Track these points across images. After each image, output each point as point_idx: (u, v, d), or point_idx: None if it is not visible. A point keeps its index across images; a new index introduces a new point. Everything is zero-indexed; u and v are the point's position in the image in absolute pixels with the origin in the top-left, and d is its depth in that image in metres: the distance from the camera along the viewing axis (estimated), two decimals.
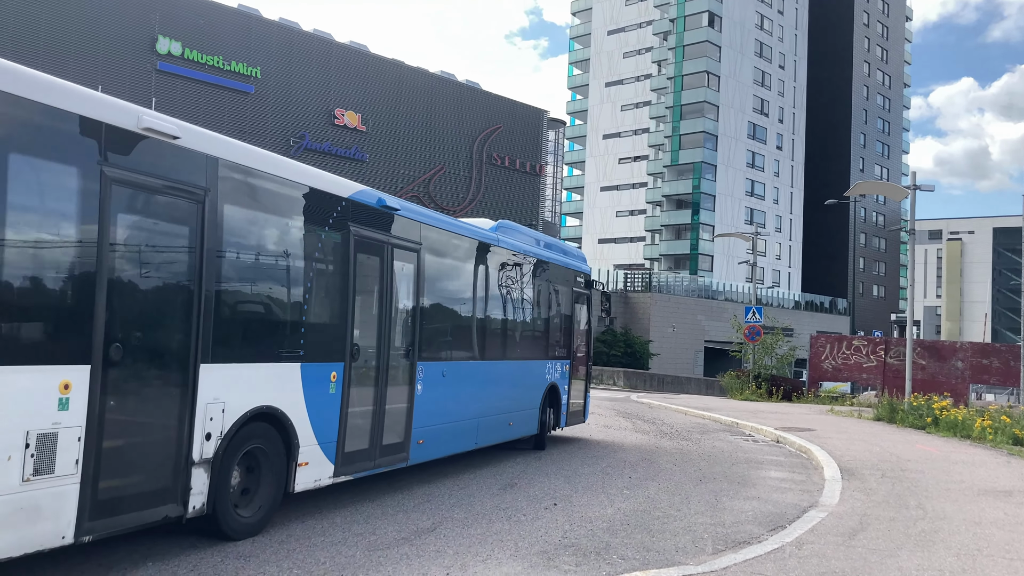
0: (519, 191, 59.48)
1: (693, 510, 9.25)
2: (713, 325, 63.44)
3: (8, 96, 4.92)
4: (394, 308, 8.89)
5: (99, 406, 5.36)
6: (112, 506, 5.54)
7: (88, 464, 5.30)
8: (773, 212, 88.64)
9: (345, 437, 7.97)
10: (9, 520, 4.84)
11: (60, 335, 5.22)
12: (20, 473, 4.89)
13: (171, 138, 6.10)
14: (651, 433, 17.25)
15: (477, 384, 11.08)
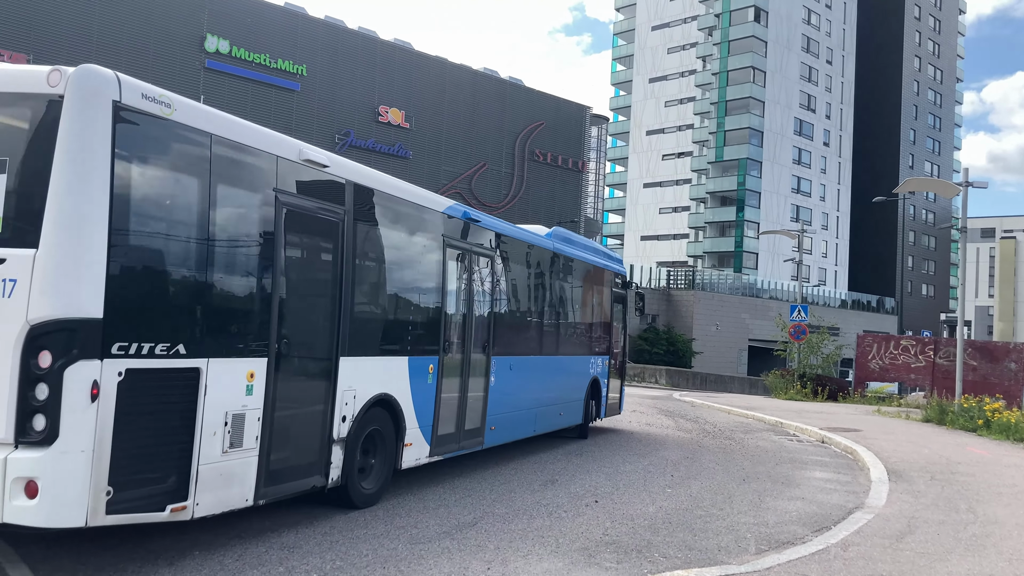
0: (561, 188, 59.38)
1: (736, 509, 9.16)
2: (757, 324, 62.74)
3: (208, 135, 5.91)
4: (474, 307, 9.98)
5: (272, 392, 6.39)
6: (279, 476, 6.60)
7: (264, 440, 6.34)
8: (820, 209, 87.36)
9: (438, 422, 9.06)
10: (213, 484, 5.84)
11: (249, 332, 6.29)
12: (221, 446, 5.92)
13: (322, 167, 7.18)
14: (694, 432, 17.12)
15: (536, 377, 12.12)
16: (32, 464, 4.82)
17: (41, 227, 4.95)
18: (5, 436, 4.89)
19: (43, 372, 4.89)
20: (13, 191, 5.10)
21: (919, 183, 22.91)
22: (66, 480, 4.89)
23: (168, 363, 5.50)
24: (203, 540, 6.54)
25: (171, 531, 6.71)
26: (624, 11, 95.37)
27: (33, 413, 4.89)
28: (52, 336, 4.90)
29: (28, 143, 5.19)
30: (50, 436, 4.86)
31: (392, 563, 6.31)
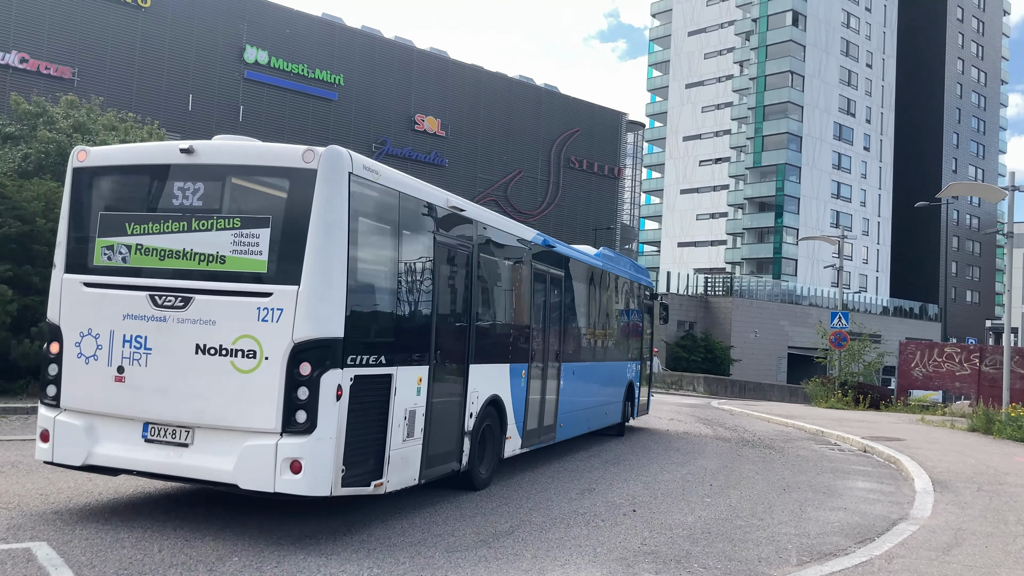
0: (597, 194, 59.26)
1: (776, 520, 9.03)
2: (797, 331, 61.98)
3: (397, 192, 7.60)
4: (550, 319, 11.58)
5: (431, 394, 7.92)
6: (433, 461, 8.07)
7: (425, 432, 7.86)
8: (860, 215, 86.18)
9: (527, 419, 10.66)
10: (397, 466, 7.37)
11: (419, 346, 7.86)
12: (402, 435, 7.44)
13: (460, 210, 8.77)
14: (732, 440, 16.94)
15: (591, 380, 13.84)
16: (297, 448, 6.42)
17: (301, 269, 6.54)
18: (274, 427, 6.48)
19: (304, 378, 6.47)
20: (277, 241, 6.69)
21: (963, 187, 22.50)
22: (321, 460, 6.47)
23: (376, 371, 7.07)
24: (241, 546, 6.59)
25: (209, 535, 6.77)
26: (660, 17, 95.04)
27: (296, 409, 6.47)
28: (311, 351, 6.49)
29: (287, 204, 6.79)
30: (310, 427, 6.44)
31: (429, 571, 6.31)
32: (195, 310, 6.78)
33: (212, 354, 6.69)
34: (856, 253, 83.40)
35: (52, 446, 7.12)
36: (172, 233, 6.93)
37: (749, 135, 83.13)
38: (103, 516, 7.27)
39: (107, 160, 7.46)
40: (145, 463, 6.84)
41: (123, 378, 6.89)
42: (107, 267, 7.11)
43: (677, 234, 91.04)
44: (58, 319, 7.20)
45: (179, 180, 7.01)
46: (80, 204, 7.36)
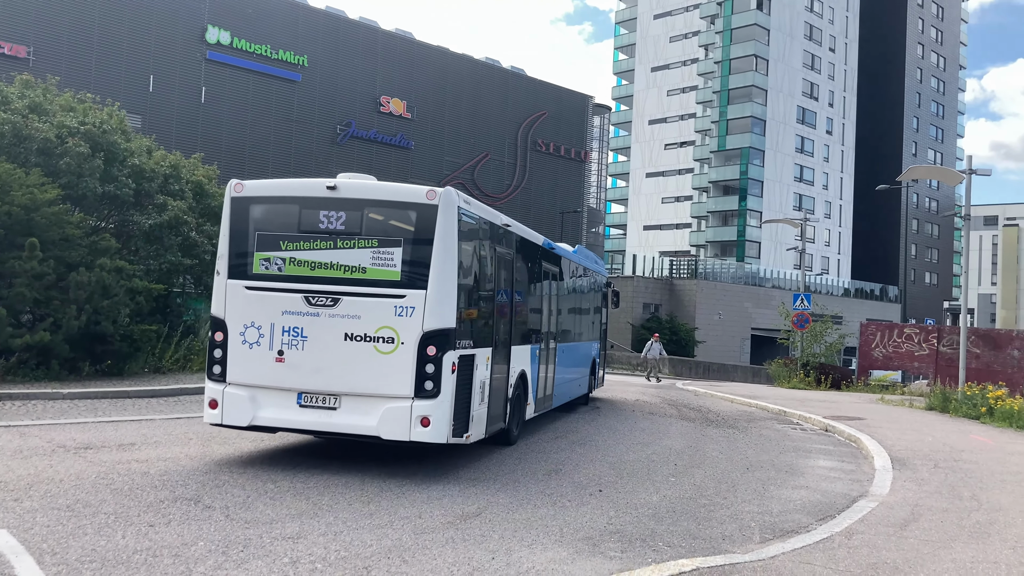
0: (564, 178, 59.27)
1: (740, 498, 9.16)
2: (760, 312, 62.69)
3: (480, 217, 10.03)
4: (549, 308, 13.85)
5: (492, 369, 10.27)
6: (491, 420, 10.36)
7: (489, 398, 10.19)
8: (822, 198, 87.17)
9: (537, 389, 12.94)
10: (475, 424, 9.66)
11: (486, 332, 10.14)
12: (478, 400, 9.75)
13: (507, 227, 11.19)
14: (697, 420, 17.12)
15: (573, 357, 16.11)
16: (426, 408, 8.82)
17: (427, 278, 8.93)
18: (409, 393, 8.85)
19: (431, 357, 8.82)
20: (408, 258, 9.05)
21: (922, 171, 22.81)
22: (442, 417, 8.87)
23: (469, 351, 9.42)
24: (208, 532, 6.56)
25: (175, 523, 6.73)
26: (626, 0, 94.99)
27: (425, 380, 8.83)
28: (436, 338, 8.86)
29: (415, 230, 9.11)
30: (435, 393, 8.83)
31: (396, 553, 6.31)
32: (343, 307, 9.07)
33: (358, 340, 9.01)
34: (818, 236, 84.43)
35: (221, 412, 9.34)
36: (320, 250, 9.21)
37: (714, 119, 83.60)
38: (64, 504, 7.19)
39: (261, 192, 9.67)
40: (301, 422, 9.18)
41: (283, 359, 9.18)
42: (265, 275, 9.35)
43: (643, 217, 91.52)
44: (223, 314, 9.40)
45: (325, 209, 9.24)
46: (238, 225, 9.50)
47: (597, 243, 63.50)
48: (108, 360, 16.15)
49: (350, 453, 10.35)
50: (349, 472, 9.20)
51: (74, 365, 15.57)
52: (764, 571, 6.32)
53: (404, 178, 49.47)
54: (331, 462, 9.69)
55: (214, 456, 9.63)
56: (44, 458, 8.97)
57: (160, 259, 18.61)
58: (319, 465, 9.47)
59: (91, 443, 9.98)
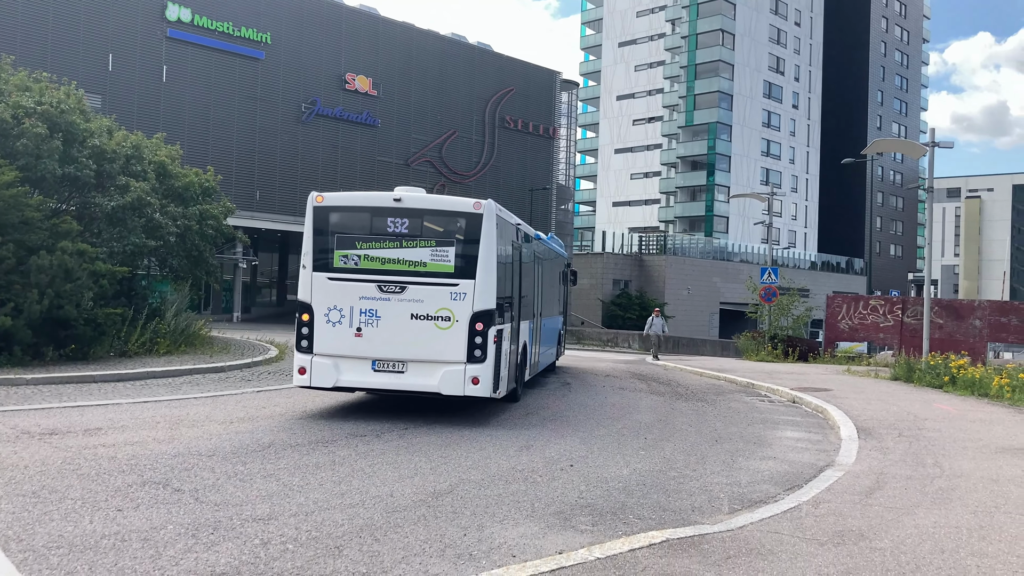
0: (532, 154, 59.12)
1: (709, 470, 9.28)
2: (729, 287, 63.23)
3: (505, 220, 12.73)
4: (535, 287, 16.18)
5: (510, 340, 12.91)
6: (509, 381, 12.99)
7: (509, 363, 12.84)
8: (789, 172, 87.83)
9: (531, 357, 15.78)
10: (502, 383, 12.29)
11: (510, 310, 12.91)
12: (505, 365, 12.42)
13: (518, 226, 14.27)
14: (666, 395, 17.27)
15: (550, 330, 19.07)
16: (476, 370, 11.49)
17: (476, 270, 11.61)
18: (462, 359, 11.48)
19: (479, 331, 11.51)
20: (459, 255, 11.71)
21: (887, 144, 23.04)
22: (488, 377, 11.56)
23: (502, 326, 12.17)
24: (177, 515, 6.52)
25: (144, 507, 6.67)
26: None
27: (475, 349, 11.50)
28: (483, 316, 11.54)
29: (464, 233, 11.81)
30: (483, 358, 11.51)
31: (368, 532, 6.32)
32: (409, 293, 11.64)
33: (422, 319, 11.60)
34: (785, 210, 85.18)
35: (310, 376, 11.75)
36: (389, 248, 11.80)
37: (681, 94, 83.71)
38: (30, 490, 7.11)
39: (338, 202, 12.28)
40: (375, 383, 11.76)
41: (361, 334, 11.70)
42: (344, 268, 11.84)
43: (612, 193, 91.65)
44: (309, 299, 11.80)
45: (391, 216, 11.85)
46: (320, 229, 12.05)
47: (567, 220, 63.54)
48: (72, 344, 15.93)
49: (324, 436, 10.34)
50: (320, 453, 9.19)
51: (37, 350, 15.34)
52: (733, 541, 6.41)
53: (371, 156, 49.10)
54: (302, 445, 9.68)
55: (182, 439, 9.56)
56: (8, 444, 8.85)
57: (123, 241, 18.34)
58: (291, 447, 9.44)
59: (56, 428, 9.86)
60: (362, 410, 12.63)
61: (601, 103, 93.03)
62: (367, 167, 49.35)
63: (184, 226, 20.15)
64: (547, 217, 58.84)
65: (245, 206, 40.10)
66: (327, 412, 12.26)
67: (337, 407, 12.80)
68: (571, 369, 22.47)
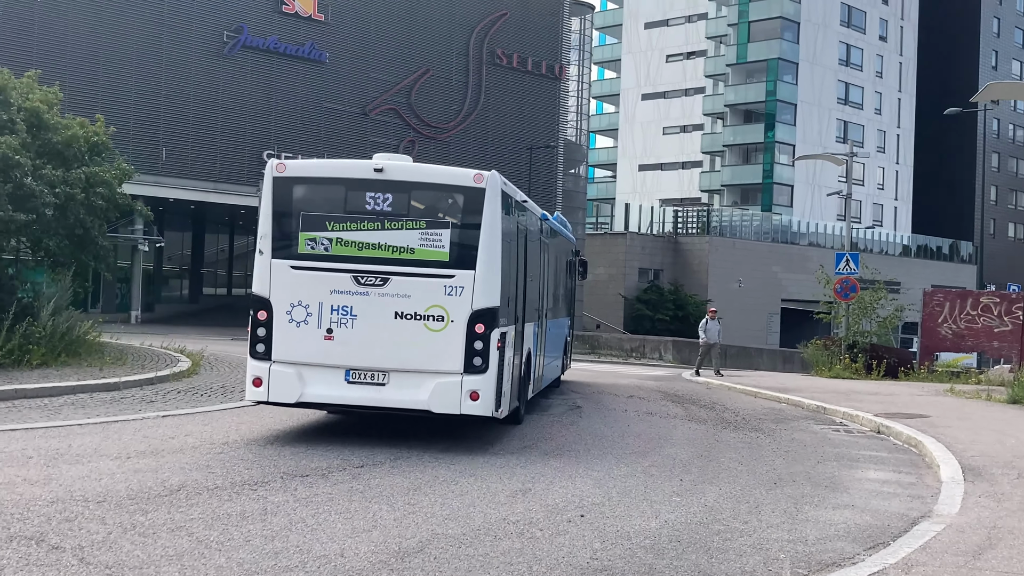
0: (532, 101, 59.10)
1: (765, 522, 9.30)
2: (792, 279, 63.41)
3: (512, 198, 13.73)
4: (541, 282, 17.23)
5: (513, 347, 13.64)
6: (511, 398, 13.50)
7: (511, 376, 13.50)
8: (874, 126, 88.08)
9: (535, 368, 16.60)
10: (505, 399, 12.88)
11: (514, 310, 13.71)
12: (508, 377, 12.99)
13: (524, 203, 15.12)
14: (709, 421, 17.31)
15: (555, 336, 20.00)
16: (476, 383, 12.05)
17: (476, 259, 12.18)
18: (459, 369, 12.06)
19: (480, 334, 12.02)
20: (456, 240, 12.30)
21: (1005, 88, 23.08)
22: (490, 391, 12.14)
23: (507, 329, 12.84)
24: None
25: (9, 573, 6.68)
26: None
27: (474, 356, 12.03)
28: (485, 315, 12.09)
29: (462, 213, 12.44)
30: (483, 368, 12.06)
31: None
32: (393, 287, 12.18)
33: (408, 319, 12.15)
34: (869, 176, 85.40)
35: (267, 389, 12.34)
36: (368, 230, 12.33)
37: (731, 20, 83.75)
38: None
39: (304, 172, 13.19)
40: (349, 398, 12.39)
41: (332, 337, 12.19)
42: (311, 255, 12.33)
43: (638, 154, 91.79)
44: (267, 293, 12.36)
45: (371, 191, 12.36)
46: (281, 205, 12.55)
47: (577, 189, 63.66)
48: None
49: (253, 476, 10.35)
50: (247, 499, 9.19)
51: None
52: None
53: (316, 103, 49.02)
54: (224, 488, 9.68)
55: (63, 480, 9.56)
56: None
57: None
58: (208, 490, 9.45)
59: None
60: (303, 440, 12.65)
61: (624, 32, 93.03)
62: (312, 117, 49.34)
63: (65, 195, 20.09)
64: (551, 185, 58.92)
65: (148, 169, 40.03)
66: (257, 443, 12.28)
67: (271, 436, 12.83)
68: (583, 387, 22.49)
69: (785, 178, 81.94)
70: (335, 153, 44.51)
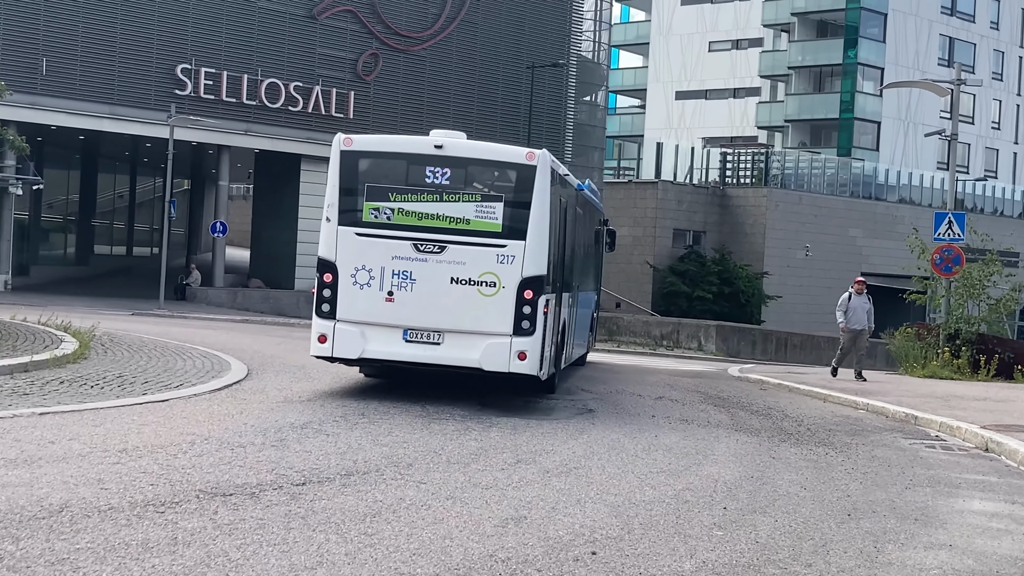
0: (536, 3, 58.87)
1: (835, 566, 9.32)
2: (876, 246, 63.42)
3: (559, 174, 19.22)
4: (573, 253, 22.01)
5: (555, 313, 18.95)
6: (551, 363, 18.75)
7: (555, 340, 19.13)
8: (989, 45, 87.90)
9: (567, 339, 21.46)
10: (546, 363, 18.11)
11: (558, 278, 19.37)
12: (550, 341, 18.35)
13: (565, 176, 20.55)
14: (763, 433, 17.35)
15: (584, 309, 25.43)
16: (524, 344, 17.05)
17: (526, 230, 17.19)
18: (508, 331, 16.99)
19: (528, 300, 16.99)
20: (508, 212, 17.36)
21: None
22: (536, 352, 17.19)
23: (550, 296, 17.98)
24: None
25: None
26: None
27: (523, 320, 16.98)
28: (533, 282, 17.10)
29: (514, 188, 17.66)
30: (532, 331, 17.06)
31: None
32: (449, 254, 16.90)
33: (463, 284, 16.82)
34: (981, 112, 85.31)
35: (331, 345, 17.22)
36: (427, 202, 17.14)
37: None
38: None
39: (369, 147, 18.35)
40: (407, 355, 17.23)
41: (392, 299, 16.93)
42: (375, 223, 17.21)
43: (675, 77, 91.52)
44: (334, 257, 17.17)
45: (431, 165, 17.16)
46: (347, 177, 17.43)
47: (594, 122, 63.56)
48: None
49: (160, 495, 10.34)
50: (151, 525, 9.18)
51: None
52: None
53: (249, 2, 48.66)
54: (120, 508, 9.65)
55: None
56: None
57: None
58: (100, 512, 9.42)
59: None
60: (228, 447, 12.58)
61: None
62: (242, 23, 49.13)
63: None
64: (558, 117, 58.79)
65: (22, 86, 39.89)
66: (166, 450, 12.23)
67: (185, 440, 12.75)
68: (597, 383, 22.55)
69: (869, 112, 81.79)
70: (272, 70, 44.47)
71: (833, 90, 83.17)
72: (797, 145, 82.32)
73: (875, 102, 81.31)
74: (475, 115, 52.79)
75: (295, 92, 50.12)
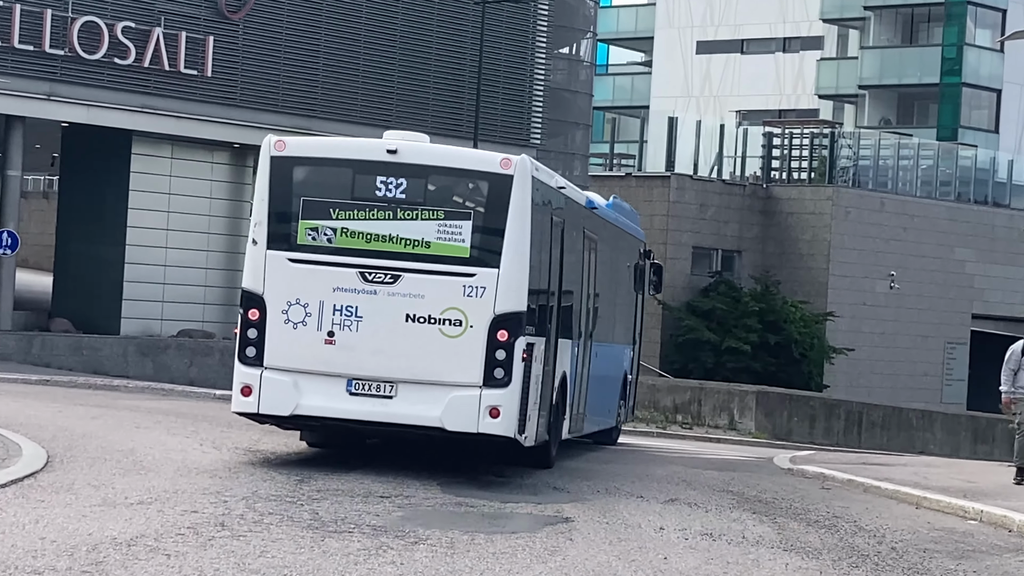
0: None
1: None
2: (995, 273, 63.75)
3: (547, 185, 22.23)
4: (586, 291, 26.02)
5: (542, 363, 21.35)
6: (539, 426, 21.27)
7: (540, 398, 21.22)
8: None
9: (574, 401, 25.38)
10: (531, 425, 20.58)
11: (544, 319, 21.86)
12: (535, 398, 20.64)
13: (561, 189, 23.62)
14: (825, 554, 17.29)
15: (606, 365, 28.75)
16: (497, 398, 19.37)
17: (500, 256, 19.57)
18: (477, 381, 19.36)
19: (502, 343, 19.39)
20: (478, 234, 19.82)
21: None
22: (512, 408, 19.59)
23: (531, 339, 20.20)
24: None
25: None
26: None
27: (495, 367, 19.36)
28: (509, 321, 19.50)
29: (486, 203, 20.04)
30: (507, 381, 19.39)
31: None
32: (404, 285, 18.82)
33: (422, 322, 18.84)
34: None
35: (257, 399, 18.82)
36: (377, 220, 19.00)
37: None
38: None
39: (307, 152, 20.21)
40: (351, 412, 19.08)
41: (333, 341, 18.77)
42: (312, 246, 19.02)
43: (696, 20, 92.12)
44: (260, 289, 18.87)
45: (383, 175, 18.92)
46: (279, 189, 19.22)
47: (575, 86, 63.83)
48: None
49: None
50: None
51: None
52: None
53: None
54: None
55: None
56: None
57: None
58: None
59: None
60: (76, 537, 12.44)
61: None
62: None
63: None
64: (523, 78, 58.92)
65: None
66: None
67: None
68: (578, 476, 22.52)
69: (984, 76, 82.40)
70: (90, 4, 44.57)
71: (932, 42, 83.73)
72: (878, 123, 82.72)
73: (992, 60, 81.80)
74: (396, 75, 52.37)
75: (124, 37, 48.71)
